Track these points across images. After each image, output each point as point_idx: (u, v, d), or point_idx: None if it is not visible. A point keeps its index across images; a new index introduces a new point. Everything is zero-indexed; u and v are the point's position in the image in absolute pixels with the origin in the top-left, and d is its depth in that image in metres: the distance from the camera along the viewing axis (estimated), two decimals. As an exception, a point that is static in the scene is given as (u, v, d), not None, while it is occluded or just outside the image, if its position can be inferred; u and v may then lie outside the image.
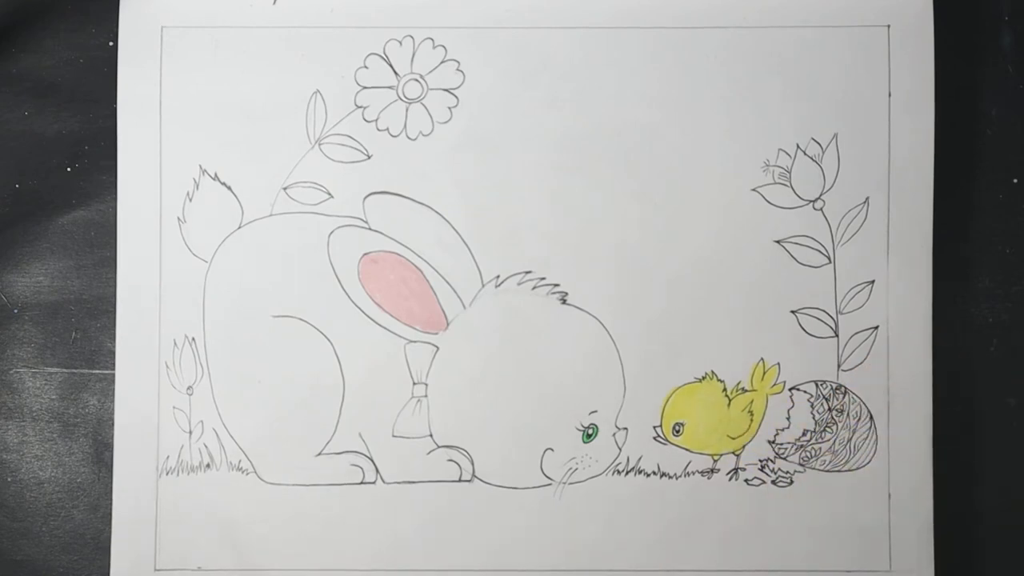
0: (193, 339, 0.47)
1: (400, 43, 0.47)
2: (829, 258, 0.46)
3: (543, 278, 0.46)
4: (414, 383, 0.46)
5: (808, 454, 0.47)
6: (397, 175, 0.47)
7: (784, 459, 0.47)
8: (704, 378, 0.46)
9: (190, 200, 0.47)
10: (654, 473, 0.47)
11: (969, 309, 0.48)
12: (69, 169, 0.49)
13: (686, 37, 0.47)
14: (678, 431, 0.46)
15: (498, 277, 0.46)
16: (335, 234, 0.46)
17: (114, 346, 0.47)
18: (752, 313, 0.46)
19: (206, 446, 0.47)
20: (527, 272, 0.46)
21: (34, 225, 0.49)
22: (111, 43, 0.49)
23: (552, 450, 0.46)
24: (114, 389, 0.47)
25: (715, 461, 0.47)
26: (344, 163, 0.47)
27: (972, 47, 0.49)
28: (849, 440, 0.46)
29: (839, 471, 0.46)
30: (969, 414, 0.48)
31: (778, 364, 0.46)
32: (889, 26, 0.46)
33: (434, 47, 0.47)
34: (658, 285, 0.46)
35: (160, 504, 0.46)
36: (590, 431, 0.46)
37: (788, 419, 0.47)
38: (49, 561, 0.48)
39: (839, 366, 0.46)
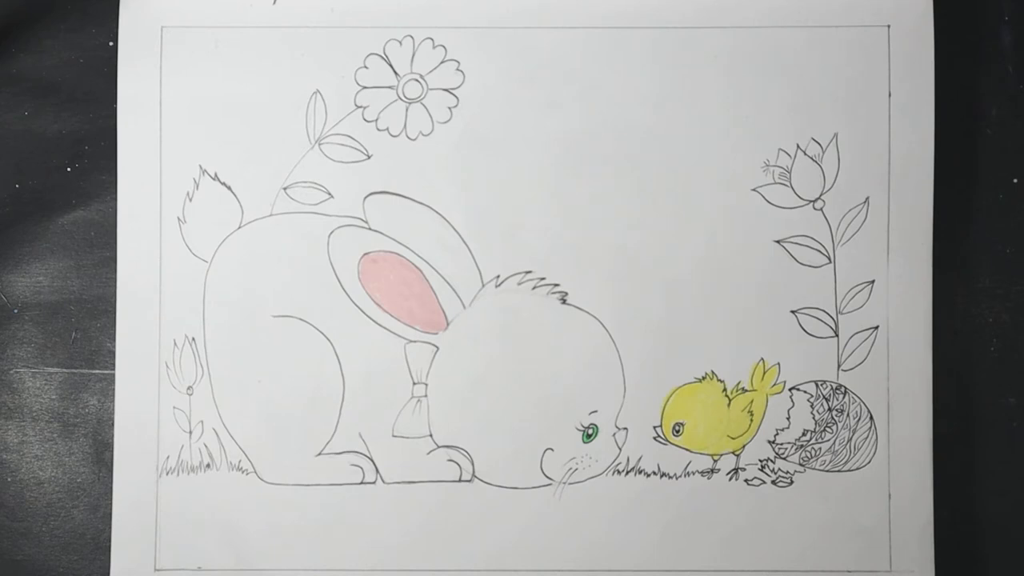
0: (193, 339, 0.47)
1: (400, 43, 0.47)
2: (829, 258, 0.46)
3: (543, 278, 0.46)
4: (414, 383, 0.46)
5: (808, 454, 0.47)
6: (397, 175, 0.47)
7: (784, 459, 0.47)
8: (704, 378, 0.46)
9: (190, 200, 0.47)
10: (654, 473, 0.47)
11: (969, 309, 0.48)
12: (69, 169, 0.49)
13: (686, 37, 0.47)
14: (678, 431, 0.46)
15: (498, 277, 0.46)
16: (335, 234, 0.47)
17: (114, 346, 0.47)
18: (752, 313, 0.46)
19: (206, 446, 0.47)
20: (527, 272, 0.46)
21: (34, 225, 0.49)
22: (111, 43, 0.49)
23: (552, 450, 0.46)
24: (114, 389, 0.47)
25: (715, 461, 0.47)
26: (344, 163, 0.47)
27: (972, 47, 0.49)
28: (849, 440, 0.46)
29: (839, 471, 0.46)
30: (969, 414, 0.48)
31: (778, 364, 0.46)
32: (889, 26, 0.46)
33: (434, 47, 0.47)
34: (658, 285, 0.46)
35: (160, 504, 0.46)
36: (590, 431, 0.46)
37: (788, 419, 0.47)
38: (49, 561, 0.48)
39: (839, 366, 0.46)
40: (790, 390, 0.47)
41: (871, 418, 0.46)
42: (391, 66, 0.47)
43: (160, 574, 0.47)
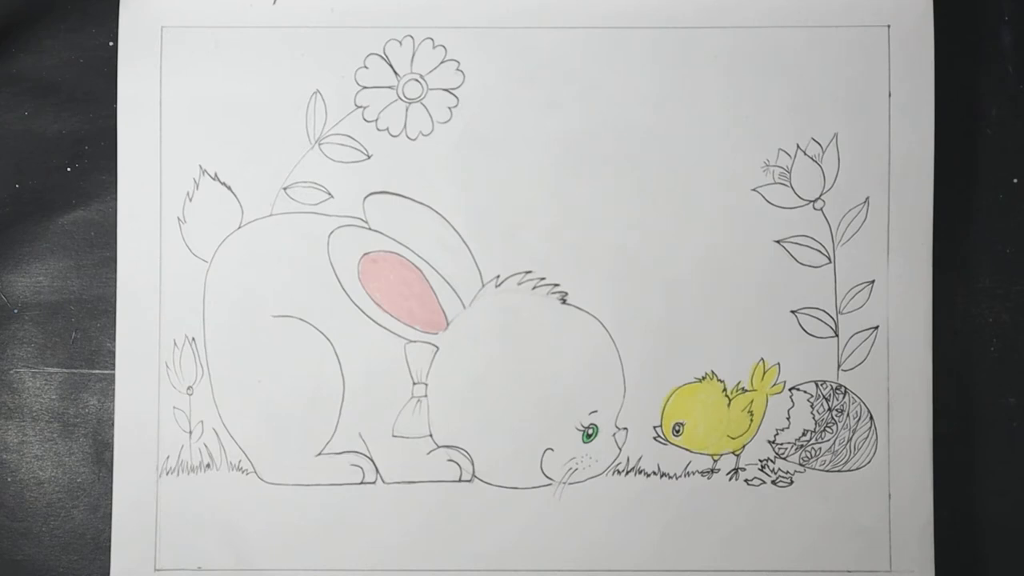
0: (193, 339, 0.47)
1: (400, 43, 0.47)
2: (829, 258, 0.46)
3: (543, 278, 0.46)
4: (414, 383, 0.46)
5: (808, 454, 0.47)
6: (397, 175, 0.47)
7: (784, 459, 0.47)
8: (704, 378, 0.46)
9: (190, 200, 0.47)
10: (654, 473, 0.47)
11: (969, 309, 0.48)
12: (69, 169, 0.49)
13: (686, 37, 0.47)
14: (678, 431, 0.46)
15: (498, 277, 0.46)
16: (335, 234, 0.47)
17: (114, 346, 0.47)
18: (752, 313, 0.46)
19: (206, 446, 0.47)
20: (527, 272, 0.46)
21: (34, 225, 0.49)
22: (111, 43, 0.49)
23: (552, 450, 0.46)
24: (114, 389, 0.47)
25: (715, 461, 0.47)
26: (344, 163, 0.47)
27: (972, 47, 0.49)
28: (849, 440, 0.46)
29: (839, 471, 0.46)
30: (969, 414, 0.48)
31: (778, 364, 0.46)
32: (889, 26, 0.46)
33: (434, 47, 0.47)
34: (658, 285, 0.46)
35: (160, 504, 0.46)
36: (590, 431, 0.46)
37: (788, 419, 0.47)
38: (49, 561, 0.48)
39: (839, 366, 0.46)
40: (790, 390, 0.47)
41: (871, 418, 0.46)
42: (391, 66, 0.47)
43: (160, 574, 0.47)
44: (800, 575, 0.46)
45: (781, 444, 0.47)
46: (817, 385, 0.47)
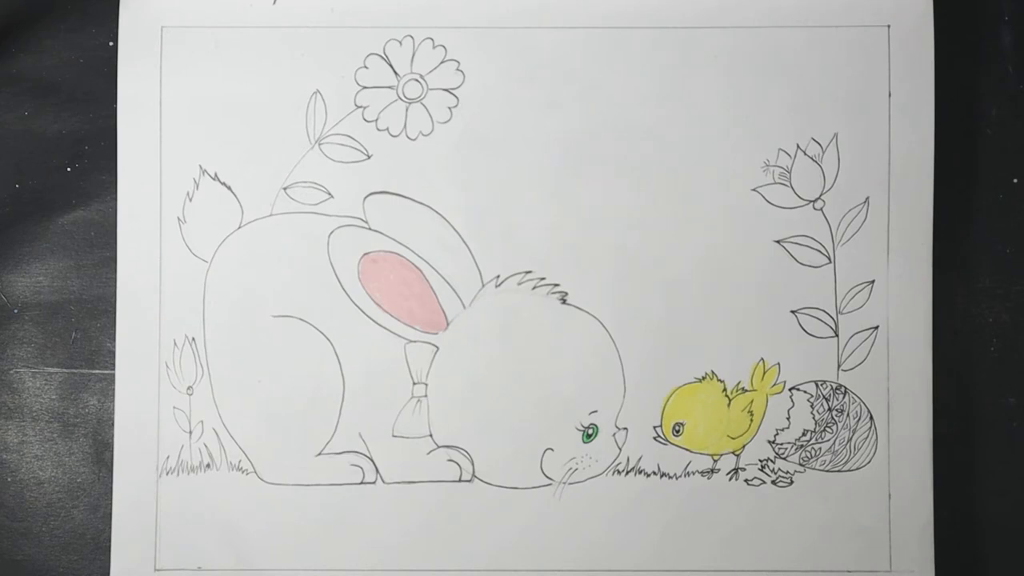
0: (193, 339, 0.47)
1: (400, 43, 0.47)
2: (829, 258, 0.46)
3: (543, 278, 0.46)
4: (414, 383, 0.46)
5: (808, 454, 0.47)
6: (397, 175, 0.47)
7: (784, 459, 0.47)
8: (704, 378, 0.46)
9: (190, 200, 0.47)
10: (654, 473, 0.47)
11: (969, 309, 0.48)
12: (69, 169, 0.49)
13: (686, 37, 0.47)
14: (678, 431, 0.46)
15: (498, 277, 0.46)
16: (335, 234, 0.47)
17: (114, 346, 0.47)
18: (752, 313, 0.46)
19: (206, 446, 0.47)
20: (527, 272, 0.46)
21: (34, 225, 0.49)
22: (111, 43, 0.49)
23: (552, 450, 0.46)
24: (114, 389, 0.47)
25: (715, 461, 0.47)
26: (344, 163, 0.47)
27: (972, 47, 0.49)
28: (849, 440, 0.46)
29: (839, 471, 0.46)
30: (969, 414, 0.48)
31: (778, 364, 0.46)
32: (889, 26, 0.46)
33: (434, 47, 0.47)
34: (658, 285, 0.46)
35: (160, 504, 0.46)
36: (590, 431, 0.46)
37: (788, 419, 0.47)
38: (49, 561, 0.48)
39: (839, 366, 0.46)
40: (790, 390, 0.47)
41: (871, 418, 0.46)
42: (391, 66, 0.47)
43: (160, 574, 0.47)
44: (800, 575, 0.46)
45: (781, 444, 0.47)
46: (817, 385, 0.47)
